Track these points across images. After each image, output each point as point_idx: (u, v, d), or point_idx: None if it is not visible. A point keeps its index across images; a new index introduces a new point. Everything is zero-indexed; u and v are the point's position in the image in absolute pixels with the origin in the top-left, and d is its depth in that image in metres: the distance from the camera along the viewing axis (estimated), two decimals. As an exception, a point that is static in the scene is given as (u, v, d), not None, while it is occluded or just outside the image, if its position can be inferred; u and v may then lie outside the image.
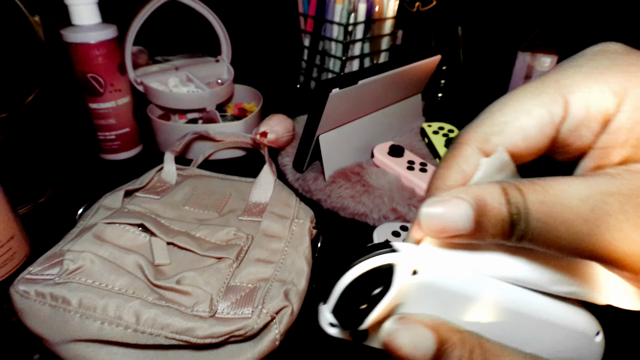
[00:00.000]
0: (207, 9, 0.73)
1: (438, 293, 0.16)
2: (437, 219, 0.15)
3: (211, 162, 0.61)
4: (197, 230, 0.39)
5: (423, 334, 0.16)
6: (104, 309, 0.30)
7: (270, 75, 0.90)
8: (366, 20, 0.76)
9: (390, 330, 0.16)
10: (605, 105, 0.16)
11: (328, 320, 0.15)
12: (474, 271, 0.16)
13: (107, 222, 0.37)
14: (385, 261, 0.15)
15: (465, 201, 0.15)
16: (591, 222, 0.14)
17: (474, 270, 0.16)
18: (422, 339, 0.15)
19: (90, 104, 0.58)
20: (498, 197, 0.15)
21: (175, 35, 0.81)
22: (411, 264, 0.15)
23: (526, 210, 0.15)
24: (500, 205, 0.15)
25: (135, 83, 0.67)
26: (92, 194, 0.44)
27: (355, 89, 0.49)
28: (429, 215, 0.15)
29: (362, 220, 0.51)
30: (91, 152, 0.62)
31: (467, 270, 0.16)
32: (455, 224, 0.15)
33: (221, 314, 0.32)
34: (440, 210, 0.15)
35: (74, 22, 0.55)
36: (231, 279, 0.35)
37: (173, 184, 0.46)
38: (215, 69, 0.75)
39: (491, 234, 0.15)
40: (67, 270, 0.32)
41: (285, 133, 0.58)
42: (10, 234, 0.40)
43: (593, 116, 0.16)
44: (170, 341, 0.30)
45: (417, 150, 0.60)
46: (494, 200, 0.15)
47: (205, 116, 0.66)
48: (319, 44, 0.80)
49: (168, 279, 0.33)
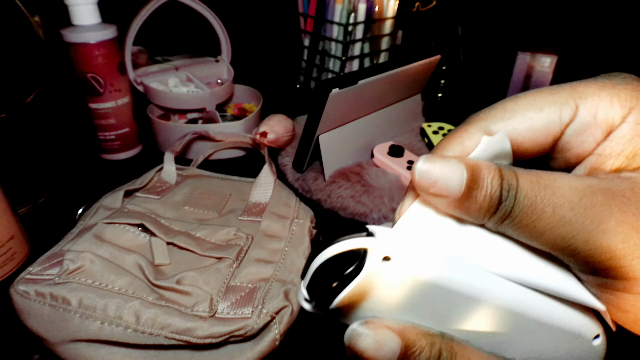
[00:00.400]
0: (207, 9, 0.73)
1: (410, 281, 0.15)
2: (431, 174, 0.15)
3: (211, 162, 0.61)
4: (197, 230, 0.39)
5: (388, 337, 0.16)
6: (104, 309, 0.30)
7: (270, 75, 0.90)
8: (366, 20, 0.76)
9: (354, 333, 0.16)
10: (612, 115, 0.17)
11: (303, 296, 0.16)
12: (454, 260, 0.16)
13: (107, 222, 0.37)
14: (358, 245, 0.15)
15: (462, 165, 0.15)
16: (578, 210, 0.15)
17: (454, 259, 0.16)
18: (387, 343, 0.16)
19: (90, 104, 0.58)
20: (493, 172, 0.15)
21: (175, 35, 0.81)
22: (383, 250, 0.15)
23: (517, 188, 0.15)
24: (494, 179, 0.15)
25: (135, 83, 0.67)
26: (92, 194, 0.44)
27: (355, 89, 0.49)
28: (423, 169, 0.15)
29: (362, 221, 0.51)
30: (91, 152, 0.62)
31: (446, 259, 0.16)
32: (446, 183, 0.15)
33: (221, 314, 0.32)
34: (435, 167, 0.15)
35: (74, 22, 0.55)
36: (231, 279, 0.35)
37: (173, 184, 0.46)
38: (215, 69, 0.75)
39: (478, 205, 0.15)
40: (67, 270, 0.32)
41: (285, 133, 0.58)
42: (10, 234, 0.40)
43: (599, 124, 0.17)
44: (170, 341, 0.30)
45: (417, 150, 0.60)
46: (489, 173, 0.15)
47: (205, 116, 0.66)
48: (319, 44, 0.80)
49: (168, 279, 0.33)
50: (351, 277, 0.15)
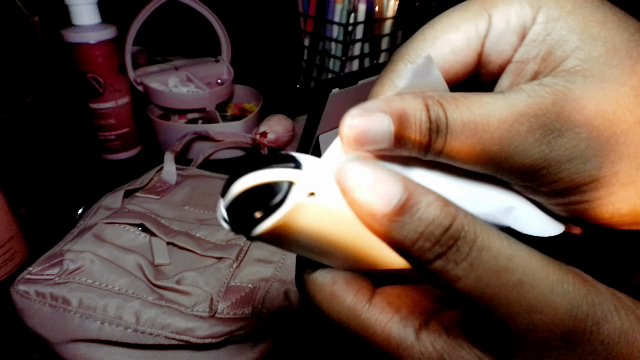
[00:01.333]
0: (207, 9, 0.73)
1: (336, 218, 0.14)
2: (358, 130, 0.15)
3: (211, 162, 0.61)
4: (197, 230, 0.39)
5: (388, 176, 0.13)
6: (104, 309, 0.30)
7: (270, 75, 0.90)
8: (366, 20, 0.76)
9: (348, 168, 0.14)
10: (524, 18, 0.17)
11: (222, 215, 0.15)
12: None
13: (107, 222, 0.37)
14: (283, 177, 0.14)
15: (386, 115, 0.15)
16: (505, 142, 0.15)
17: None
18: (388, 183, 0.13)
19: (90, 104, 0.58)
20: (420, 111, 0.15)
21: (175, 35, 0.81)
22: (309, 185, 0.14)
23: (446, 129, 0.15)
24: (421, 121, 0.15)
25: (135, 83, 0.67)
26: (92, 194, 0.44)
27: (355, 89, 0.49)
28: (350, 126, 0.15)
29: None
30: (91, 152, 0.62)
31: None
32: (375, 137, 0.15)
33: (221, 314, 0.32)
34: (360, 122, 0.14)
35: (74, 22, 0.55)
36: (231, 279, 0.35)
37: (173, 184, 0.46)
38: (215, 69, 0.75)
39: (409, 148, 0.15)
40: (67, 270, 0.32)
41: (285, 133, 0.58)
42: (10, 234, 0.40)
43: (512, 29, 0.17)
44: (170, 341, 0.30)
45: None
46: (415, 114, 0.15)
47: (205, 116, 0.66)
48: (319, 44, 0.80)
49: (168, 279, 0.33)
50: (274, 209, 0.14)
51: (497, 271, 0.13)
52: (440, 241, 0.13)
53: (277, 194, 0.14)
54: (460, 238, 0.13)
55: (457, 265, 0.13)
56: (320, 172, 0.14)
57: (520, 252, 0.13)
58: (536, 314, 0.13)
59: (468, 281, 0.13)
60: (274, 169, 0.14)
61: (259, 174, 0.14)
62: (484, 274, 0.13)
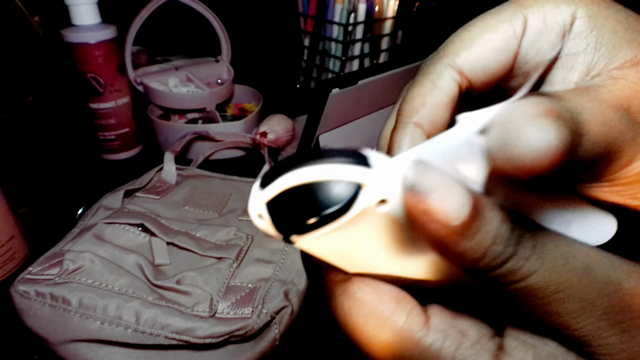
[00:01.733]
0: (207, 9, 0.73)
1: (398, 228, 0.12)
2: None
3: (211, 162, 0.61)
4: (197, 230, 0.39)
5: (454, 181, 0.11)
6: (104, 309, 0.30)
7: (270, 75, 0.90)
8: (366, 20, 0.76)
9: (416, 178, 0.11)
10: (561, 16, 0.17)
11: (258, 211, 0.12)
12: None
13: (107, 222, 0.37)
14: (350, 177, 0.11)
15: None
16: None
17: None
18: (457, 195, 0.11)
19: (90, 104, 0.58)
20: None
21: (175, 35, 0.81)
22: (381, 191, 0.11)
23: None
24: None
25: (135, 83, 0.67)
26: (92, 194, 0.44)
27: (355, 89, 0.49)
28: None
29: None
30: (91, 152, 0.62)
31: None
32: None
33: (221, 314, 0.32)
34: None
35: (74, 22, 0.55)
36: (231, 279, 0.35)
37: (173, 184, 0.46)
38: (215, 69, 0.75)
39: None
40: (67, 270, 0.32)
41: (285, 133, 0.58)
42: (10, 234, 0.40)
43: (550, 27, 0.17)
44: (170, 341, 0.30)
45: (417, 150, 0.60)
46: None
47: (205, 116, 0.66)
48: (319, 44, 0.80)
49: (168, 279, 0.33)
50: (334, 217, 0.11)
51: (565, 258, 0.12)
52: (512, 242, 0.12)
53: (339, 196, 0.11)
54: (525, 233, 0.12)
55: (527, 261, 0.12)
56: (393, 175, 0.11)
57: (573, 239, 0.13)
58: (610, 297, 0.13)
59: (539, 274, 0.12)
60: (338, 165, 0.11)
61: (317, 169, 0.11)
62: (552, 263, 0.12)
